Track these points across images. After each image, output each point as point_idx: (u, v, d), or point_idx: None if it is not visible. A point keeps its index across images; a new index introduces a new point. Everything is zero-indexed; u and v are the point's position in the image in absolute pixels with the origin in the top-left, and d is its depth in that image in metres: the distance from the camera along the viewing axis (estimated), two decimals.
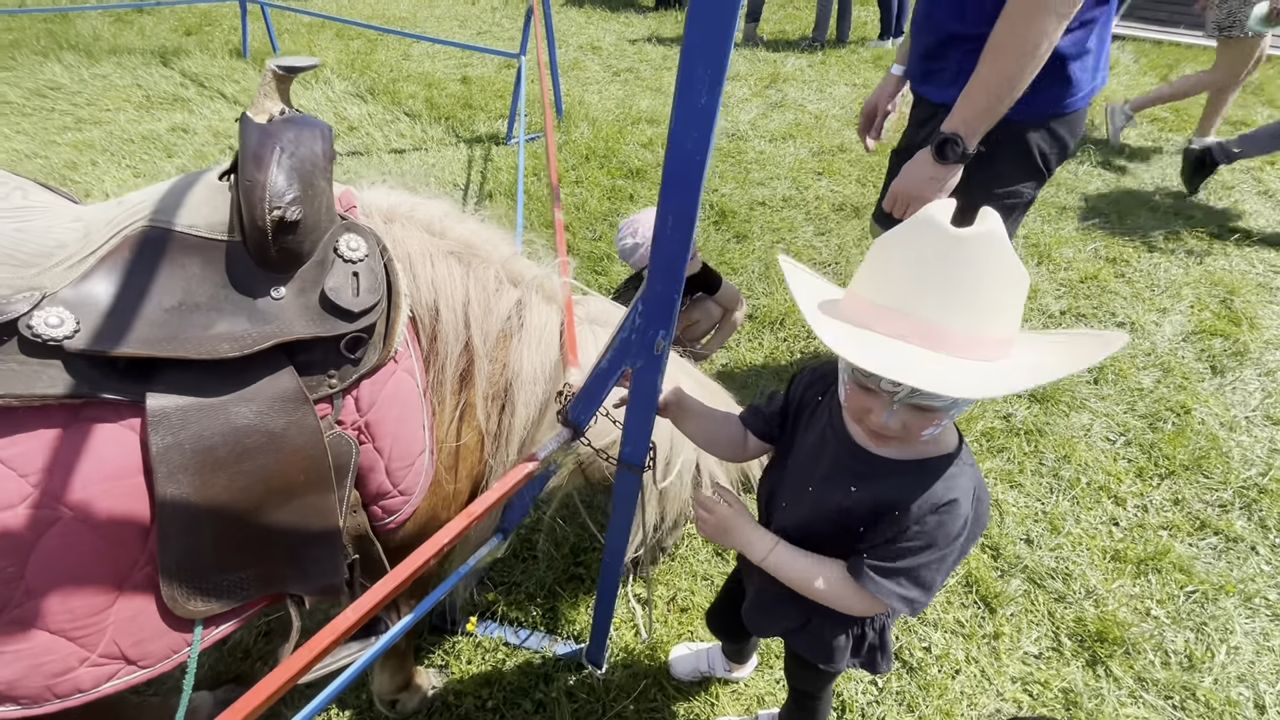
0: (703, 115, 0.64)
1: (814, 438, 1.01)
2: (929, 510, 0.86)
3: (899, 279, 0.75)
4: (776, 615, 1.13)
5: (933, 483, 0.87)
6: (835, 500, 0.94)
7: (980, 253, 0.70)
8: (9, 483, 0.81)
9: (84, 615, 0.86)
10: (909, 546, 0.87)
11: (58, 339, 0.81)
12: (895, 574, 0.88)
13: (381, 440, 1.06)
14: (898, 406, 0.79)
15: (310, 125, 0.99)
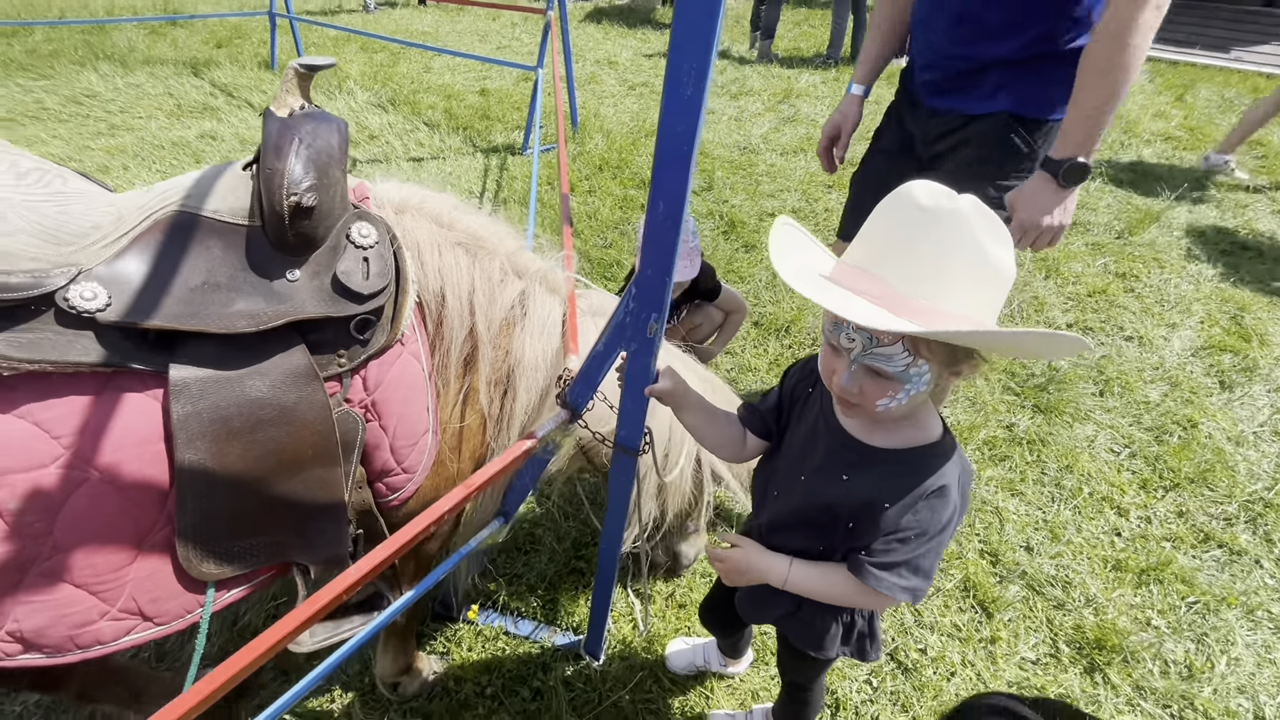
0: (689, 107, 0.69)
1: (806, 429, 1.04)
2: (920, 497, 0.90)
3: (870, 242, 0.79)
4: (768, 604, 1.16)
5: (920, 471, 0.91)
6: (827, 490, 0.97)
7: (946, 227, 0.73)
8: (42, 444, 0.87)
9: (106, 571, 0.92)
10: (904, 538, 0.91)
11: (91, 311, 0.88)
12: (894, 567, 0.91)
13: (387, 419, 1.12)
14: (855, 368, 0.83)
15: (327, 120, 1.06)
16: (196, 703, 0.72)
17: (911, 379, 0.81)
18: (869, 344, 0.79)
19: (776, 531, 1.09)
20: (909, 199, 0.75)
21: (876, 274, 0.77)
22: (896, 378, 0.81)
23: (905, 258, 0.75)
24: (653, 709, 1.65)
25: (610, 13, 9.59)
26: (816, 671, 1.34)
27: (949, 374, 0.84)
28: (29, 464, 0.86)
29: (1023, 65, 1.50)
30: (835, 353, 0.85)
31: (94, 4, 9.30)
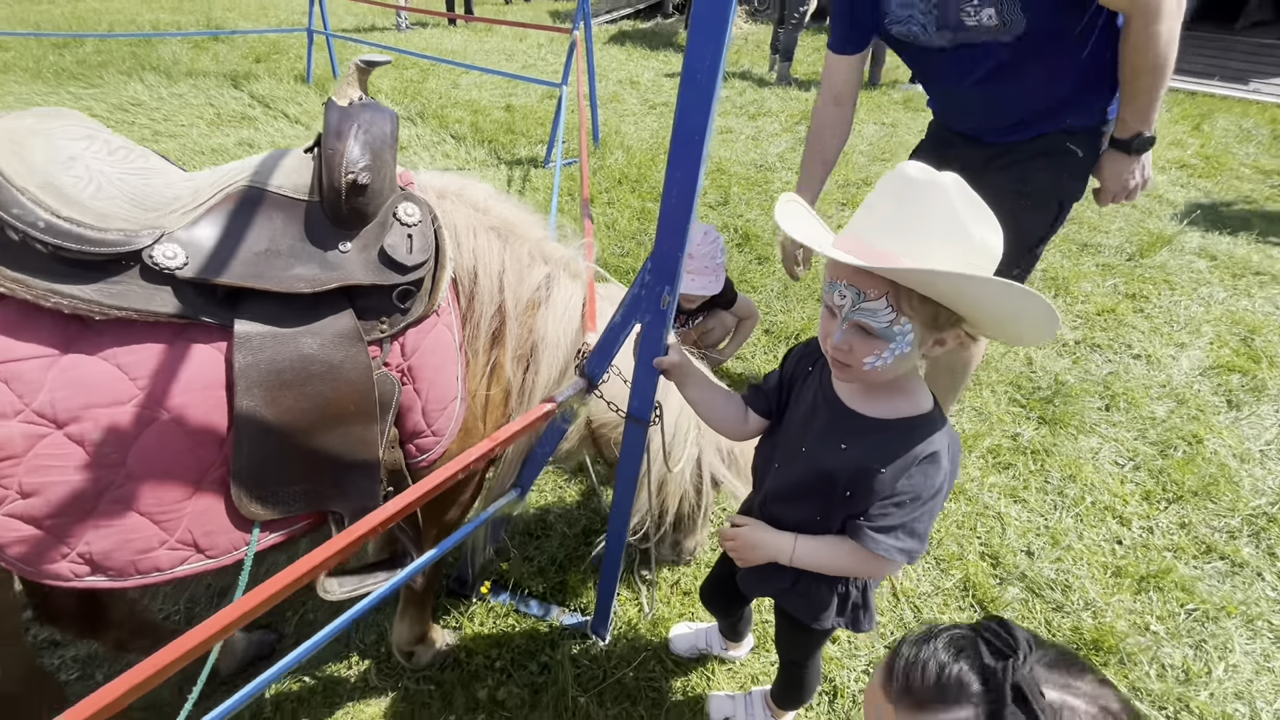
0: (702, 97, 0.79)
1: (806, 405, 1.11)
2: (913, 463, 0.96)
3: (862, 213, 0.88)
4: (768, 577, 1.22)
5: (912, 439, 0.97)
6: (827, 459, 1.04)
7: (926, 194, 0.81)
8: (122, 384, 0.97)
9: (168, 503, 1.02)
10: (899, 501, 0.97)
11: (171, 268, 0.99)
12: (891, 530, 0.98)
13: (420, 383, 1.21)
14: (845, 326, 0.90)
15: (381, 110, 1.17)
16: (231, 621, 0.80)
17: (895, 337, 0.87)
18: (857, 299, 0.87)
19: (777, 501, 1.15)
20: (899, 173, 0.84)
21: (860, 236, 0.86)
22: (881, 335, 0.88)
23: (886, 218, 0.84)
24: (655, 687, 1.71)
25: (634, 35, 9.87)
26: (813, 646, 1.40)
27: (933, 341, 0.91)
28: (110, 400, 0.96)
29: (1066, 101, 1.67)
30: (830, 315, 0.94)
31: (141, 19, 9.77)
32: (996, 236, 0.87)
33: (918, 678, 0.67)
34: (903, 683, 0.69)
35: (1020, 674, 0.59)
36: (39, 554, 0.98)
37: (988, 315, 0.86)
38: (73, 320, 0.96)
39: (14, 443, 0.93)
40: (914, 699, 0.67)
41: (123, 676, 0.77)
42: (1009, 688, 0.59)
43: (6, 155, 0.93)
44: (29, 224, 0.90)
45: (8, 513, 0.95)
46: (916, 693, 0.67)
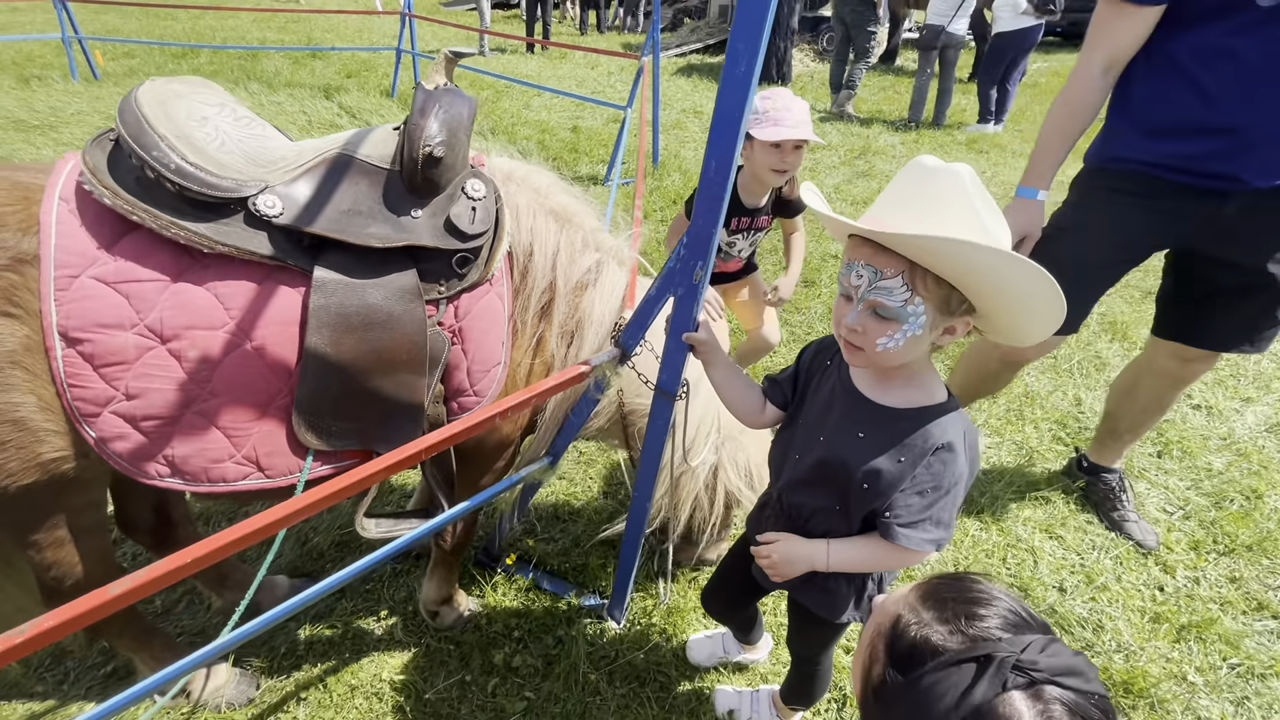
0: (742, 81, 0.88)
1: (824, 396, 1.15)
2: (929, 452, 0.99)
3: (879, 200, 0.94)
4: None
5: (927, 428, 1.00)
6: (844, 447, 1.06)
7: (942, 180, 0.87)
8: (218, 312, 1.12)
9: (241, 421, 1.15)
10: (920, 490, 0.99)
11: (270, 216, 1.14)
12: (918, 523, 1.01)
13: (468, 344, 1.33)
14: (861, 307, 0.94)
15: (462, 96, 1.32)
16: (280, 517, 0.90)
17: (908, 318, 0.91)
18: (874, 277, 0.91)
19: (797, 489, 1.18)
20: (915, 163, 0.90)
21: (879, 217, 0.91)
22: (896, 315, 0.91)
23: (904, 200, 0.89)
24: (664, 673, 1.74)
25: (701, 68, 10.17)
26: (826, 642, 1.41)
27: (944, 329, 0.95)
28: (207, 324, 1.11)
29: None
30: (845, 300, 0.98)
31: (250, 36, 10.71)
32: (1006, 233, 0.90)
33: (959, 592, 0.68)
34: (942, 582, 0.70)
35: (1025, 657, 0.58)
36: (133, 451, 1.13)
37: (995, 297, 0.90)
38: (185, 252, 1.12)
39: (127, 350, 1.08)
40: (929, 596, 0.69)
41: (194, 546, 0.88)
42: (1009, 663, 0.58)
43: (154, 108, 1.11)
44: (164, 164, 1.06)
45: (114, 410, 1.10)
46: (937, 594, 0.69)
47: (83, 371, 1.08)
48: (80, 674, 1.64)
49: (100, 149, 1.12)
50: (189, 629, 1.76)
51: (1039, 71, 9.77)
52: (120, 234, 1.09)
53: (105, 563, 1.33)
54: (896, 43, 10.68)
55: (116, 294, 1.08)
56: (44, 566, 1.25)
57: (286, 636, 1.76)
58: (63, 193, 1.09)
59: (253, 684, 1.63)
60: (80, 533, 1.26)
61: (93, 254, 1.07)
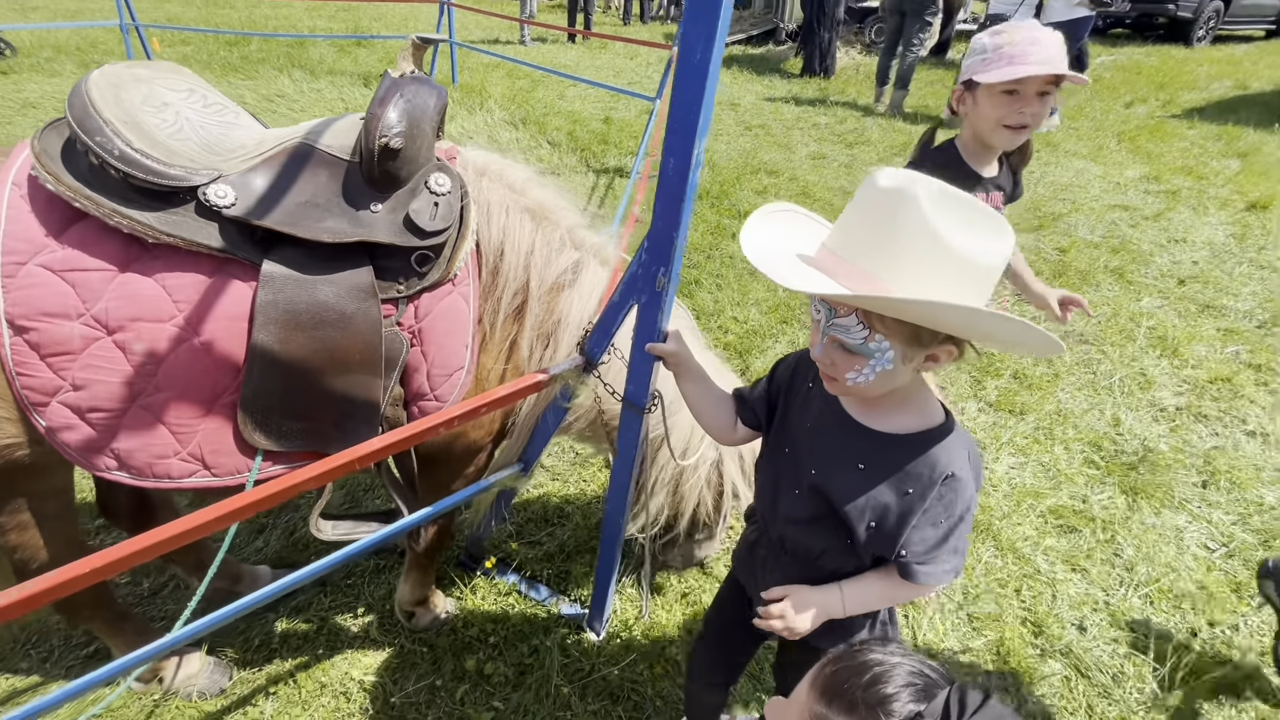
0: (698, 70, 0.78)
1: (810, 423, 1.02)
2: (938, 481, 0.89)
3: (838, 225, 0.83)
4: None
5: (932, 455, 0.90)
6: (841, 481, 0.95)
7: (894, 205, 0.75)
8: (165, 304, 1.09)
9: (185, 418, 1.12)
10: (934, 522, 0.91)
11: (220, 206, 1.10)
12: (936, 558, 0.93)
13: (428, 346, 1.27)
14: (825, 340, 0.86)
15: (429, 85, 1.25)
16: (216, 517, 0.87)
17: (873, 354, 0.82)
18: (829, 314, 0.83)
19: (798, 528, 1.05)
20: (869, 183, 0.79)
21: (836, 251, 0.81)
22: (859, 351, 0.83)
23: (860, 234, 0.79)
24: (638, 691, 1.67)
25: (742, 59, 9.93)
26: None
27: (923, 358, 0.85)
28: (154, 317, 1.08)
29: None
30: (815, 327, 0.89)
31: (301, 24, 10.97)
32: (991, 241, 0.78)
33: (856, 681, 0.61)
34: (835, 675, 0.63)
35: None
36: (82, 442, 1.11)
37: (973, 335, 0.79)
38: (134, 242, 1.09)
39: (73, 340, 1.06)
40: (830, 694, 0.62)
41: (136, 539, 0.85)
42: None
43: (104, 92, 1.08)
44: (107, 150, 1.03)
45: (62, 401, 1.08)
46: (838, 690, 0.62)
47: (29, 360, 1.06)
48: (64, 653, 1.67)
49: (56, 134, 1.10)
50: (172, 614, 1.77)
51: (1103, 66, 9.18)
52: (69, 221, 1.07)
53: (72, 547, 1.33)
54: (950, 34, 10.18)
55: (63, 283, 1.06)
56: (9, 548, 1.25)
57: (263, 628, 1.76)
58: (15, 178, 1.07)
59: (226, 674, 1.63)
60: (44, 518, 1.26)
61: (40, 241, 1.05)
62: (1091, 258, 3.97)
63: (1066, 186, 5.07)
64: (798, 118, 6.90)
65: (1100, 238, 4.24)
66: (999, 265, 0.78)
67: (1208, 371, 3.02)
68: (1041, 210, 4.61)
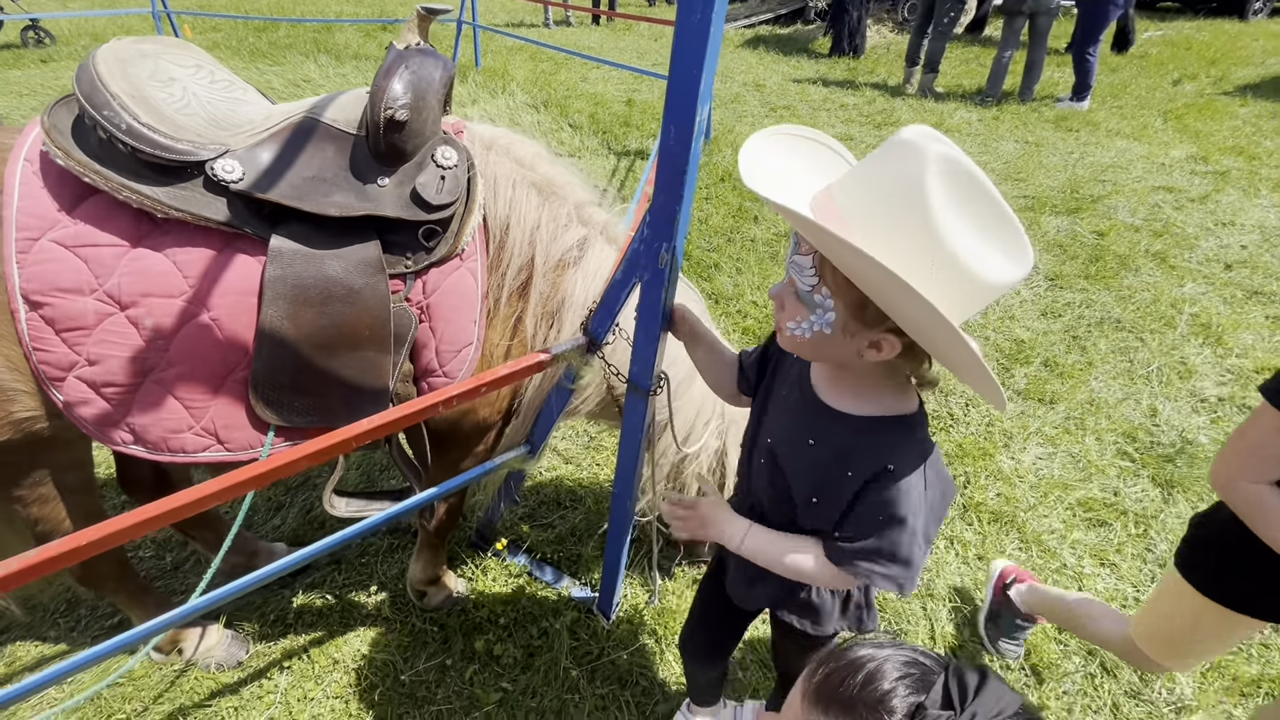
0: (698, 31, 0.74)
1: (785, 393, 1.00)
2: (881, 470, 0.84)
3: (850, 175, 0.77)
4: (761, 585, 1.11)
5: (876, 440, 0.85)
6: (793, 453, 0.94)
7: (897, 156, 0.70)
8: (175, 279, 1.09)
9: (198, 393, 1.13)
10: (870, 516, 0.86)
11: (228, 181, 1.09)
12: (869, 553, 0.87)
13: (436, 322, 1.25)
14: (785, 279, 0.83)
15: (435, 57, 1.23)
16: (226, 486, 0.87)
17: (815, 308, 0.79)
18: (794, 248, 0.79)
19: (763, 495, 1.03)
20: (896, 137, 0.72)
21: (832, 195, 0.75)
22: (804, 300, 0.80)
23: (864, 175, 0.73)
24: (646, 675, 1.66)
25: (769, 40, 9.72)
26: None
27: (866, 341, 0.78)
28: (164, 292, 1.08)
29: None
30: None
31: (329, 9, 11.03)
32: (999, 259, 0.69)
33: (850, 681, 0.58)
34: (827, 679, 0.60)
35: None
36: (98, 417, 1.12)
37: (917, 334, 0.73)
38: (145, 218, 1.09)
39: (87, 316, 1.07)
40: (825, 699, 0.59)
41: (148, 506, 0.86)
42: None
43: (111, 67, 1.08)
44: (114, 124, 1.03)
45: (78, 375, 1.10)
46: (832, 694, 0.59)
47: (45, 335, 1.07)
48: (90, 622, 1.73)
49: (67, 109, 1.10)
50: (193, 588, 1.81)
51: (1150, 41, 8.76)
52: (81, 197, 1.08)
53: (93, 520, 1.35)
54: (986, 10, 9.81)
55: (76, 258, 1.06)
56: (31, 521, 1.28)
57: (279, 603, 1.79)
58: (28, 154, 1.08)
59: (243, 648, 1.66)
60: (65, 490, 1.29)
61: (53, 217, 1.06)
62: (1132, 241, 3.80)
63: (1107, 167, 4.86)
64: (825, 99, 6.73)
65: (1142, 220, 4.06)
66: (998, 288, 0.70)
67: (1254, 361, 2.87)
68: (1080, 192, 4.43)
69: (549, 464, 2.28)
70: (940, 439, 2.42)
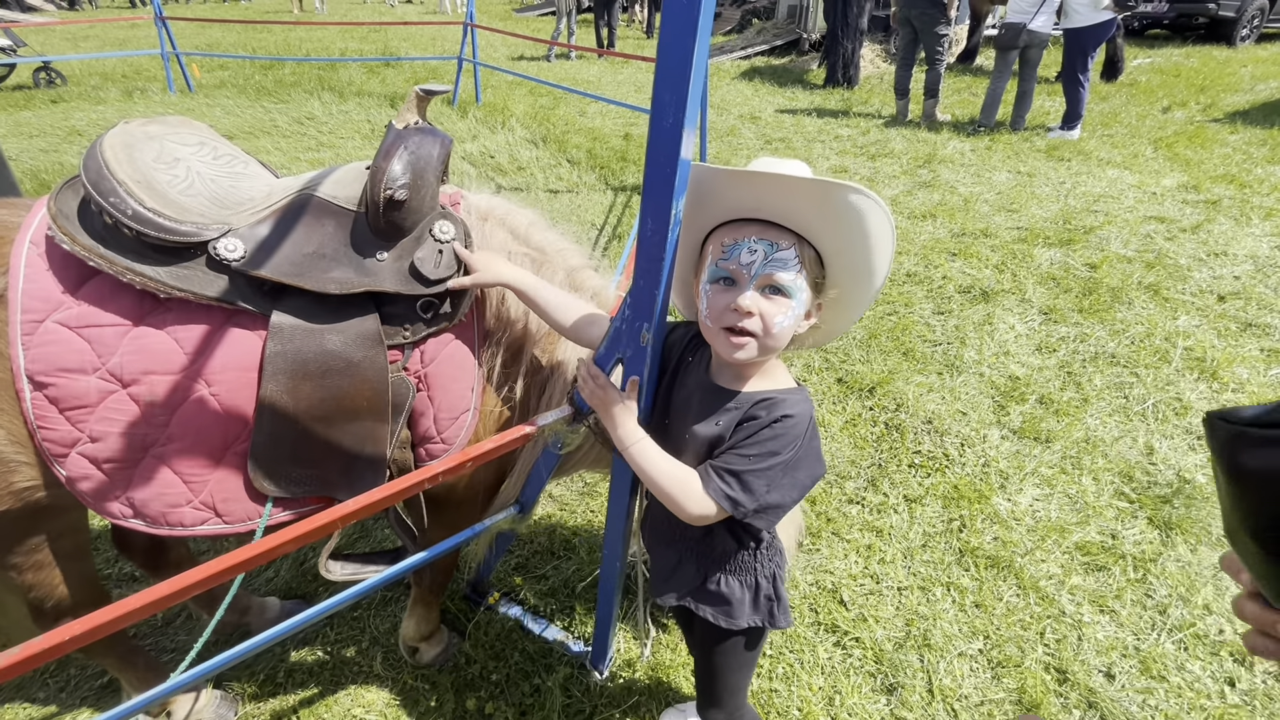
0: (671, 134, 0.78)
1: (686, 393, 1.11)
2: (770, 422, 0.98)
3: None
4: (674, 576, 1.19)
5: (774, 402, 1.00)
6: (706, 435, 1.05)
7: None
8: (177, 356, 1.12)
9: (197, 467, 1.15)
10: (746, 453, 0.98)
11: (230, 260, 1.13)
12: (727, 474, 0.99)
13: (434, 391, 1.28)
14: (753, 286, 0.94)
15: (434, 135, 1.27)
16: (230, 565, 0.88)
17: (795, 294, 0.95)
18: (770, 250, 0.93)
19: None
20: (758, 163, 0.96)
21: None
22: (786, 290, 0.94)
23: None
24: None
25: (765, 71, 9.92)
26: (734, 665, 1.26)
27: (805, 312, 0.98)
28: (165, 369, 1.11)
29: None
30: (727, 285, 0.97)
31: (333, 47, 11.31)
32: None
33: None
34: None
35: None
36: (98, 491, 1.14)
37: (855, 269, 0.97)
38: (146, 297, 1.12)
39: (90, 394, 1.10)
40: None
41: (143, 593, 0.87)
42: None
43: (118, 152, 1.12)
44: (120, 211, 1.07)
45: (80, 452, 1.12)
46: None
47: (49, 414, 1.10)
48: (80, 682, 1.72)
49: (72, 193, 1.14)
50: (183, 645, 1.82)
51: (1139, 68, 8.93)
52: (84, 278, 1.11)
53: (87, 585, 1.37)
54: (977, 41, 10.02)
55: (79, 339, 1.09)
56: (25, 588, 1.29)
57: (269, 661, 1.78)
58: (34, 236, 1.11)
59: (232, 709, 1.66)
60: (60, 557, 1.30)
61: (57, 299, 1.09)
62: (1125, 274, 3.83)
63: (1099, 197, 4.92)
64: (820, 130, 6.85)
65: (1134, 252, 4.10)
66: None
67: (1250, 396, 2.88)
68: (1072, 223, 4.48)
69: (543, 511, 2.29)
70: (935, 480, 2.42)
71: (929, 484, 2.41)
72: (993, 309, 3.48)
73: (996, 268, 3.92)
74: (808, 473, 1.02)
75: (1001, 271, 3.88)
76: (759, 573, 1.15)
